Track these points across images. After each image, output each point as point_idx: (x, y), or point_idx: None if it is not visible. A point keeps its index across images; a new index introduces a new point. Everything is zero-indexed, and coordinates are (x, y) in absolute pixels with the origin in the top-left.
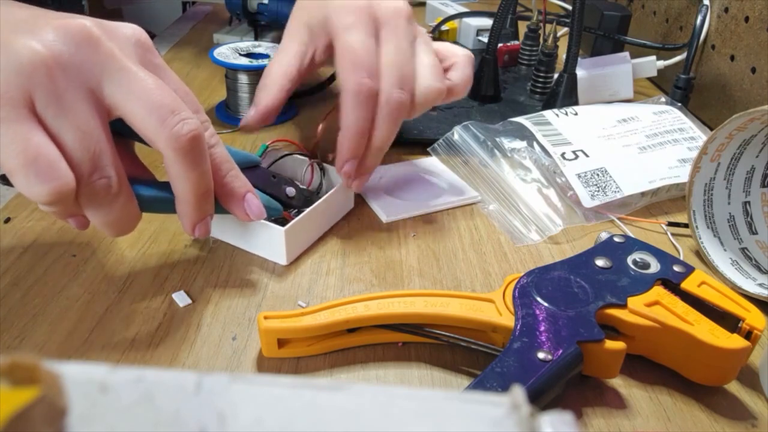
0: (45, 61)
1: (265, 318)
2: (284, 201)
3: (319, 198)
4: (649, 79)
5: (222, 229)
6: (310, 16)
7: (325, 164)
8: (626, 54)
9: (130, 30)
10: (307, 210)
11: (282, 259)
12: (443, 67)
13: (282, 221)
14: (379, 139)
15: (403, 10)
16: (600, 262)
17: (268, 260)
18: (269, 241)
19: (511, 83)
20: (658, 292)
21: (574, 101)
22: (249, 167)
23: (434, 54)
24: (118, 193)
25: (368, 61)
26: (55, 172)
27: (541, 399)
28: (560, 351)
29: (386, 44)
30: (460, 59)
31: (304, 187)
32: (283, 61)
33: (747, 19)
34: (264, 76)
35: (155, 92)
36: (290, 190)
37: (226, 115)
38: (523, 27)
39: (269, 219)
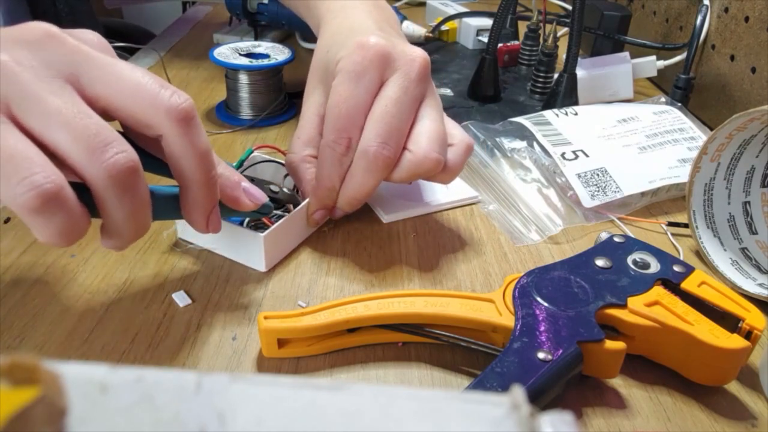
0: (9, 66)
1: (265, 318)
2: (271, 197)
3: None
4: (649, 79)
5: (200, 236)
6: (324, 68)
7: None
8: (626, 54)
9: (90, 34)
10: (287, 216)
11: (261, 266)
12: None
13: (256, 227)
14: (349, 191)
15: (418, 61)
16: (600, 262)
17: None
18: (248, 248)
19: (511, 83)
20: (658, 292)
21: (574, 101)
22: None
23: (443, 122)
24: (138, 170)
25: (352, 118)
26: (35, 167)
27: (541, 399)
28: (560, 351)
29: (383, 94)
30: (459, 143)
31: (286, 189)
32: (301, 129)
33: (747, 19)
34: (290, 150)
35: (141, 79)
36: (274, 187)
37: (226, 115)
38: (523, 27)
39: (261, 213)
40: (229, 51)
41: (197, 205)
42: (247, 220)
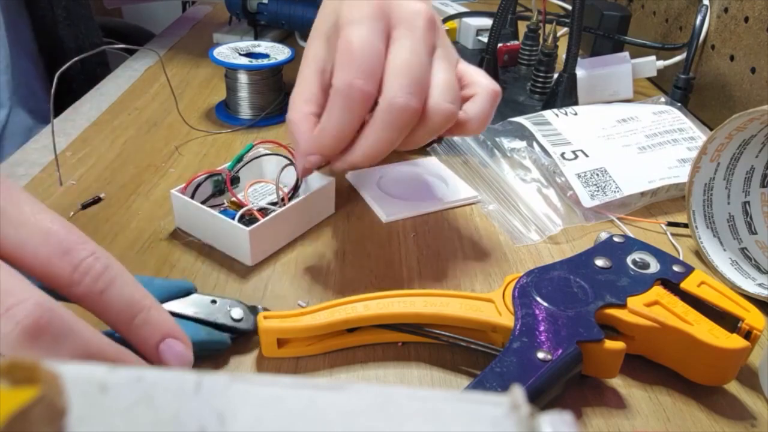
0: None
1: (265, 318)
2: (231, 327)
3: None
4: (649, 79)
5: (191, 224)
6: (325, 23)
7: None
8: (626, 54)
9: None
10: (277, 211)
11: (247, 260)
12: (462, 95)
13: (249, 221)
14: (368, 145)
15: (424, 11)
16: (600, 262)
17: (269, 259)
18: (236, 241)
19: (510, 83)
20: (658, 292)
21: (574, 101)
22: (182, 295)
23: (454, 72)
24: (110, 268)
25: (366, 59)
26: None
27: (541, 399)
28: (560, 351)
29: (397, 44)
30: (482, 91)
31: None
32: (301, 83)
33: (747, 19)
34: (289, 109)
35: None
36: (236, 312)
37: (225, 114)
38: (522, 27)
39: (215, 351)
40: (228, 51)
41: (138, 344)
42: (240, 213)
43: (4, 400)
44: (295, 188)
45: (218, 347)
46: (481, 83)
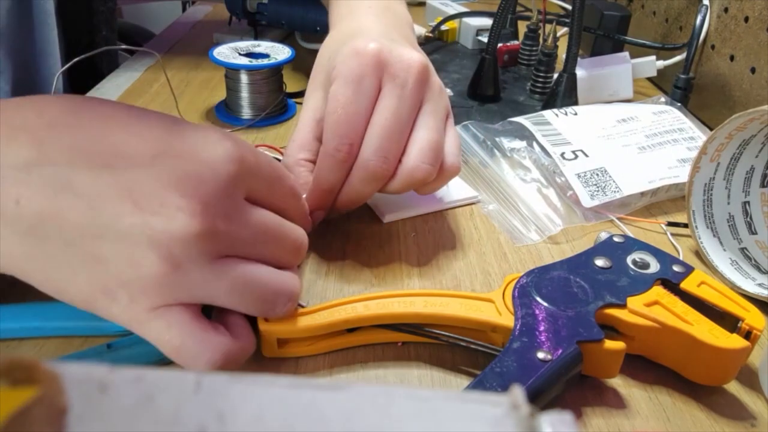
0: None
1: (265, 318)
2: None
3: None
4: (649, 79)
5: None
6: (322, 71)
7: None
8: (626, 54)
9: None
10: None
11: None
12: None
13: None
14: (345, 198)
15: (415, 65)
16: (599, 262)
17: None
18: None
19: (510, 83)
20: (658, 292)
21: (574, 101)
22: None
23: (440, 128)
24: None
25: (352, 124)
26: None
27: (541, 399)
28: (560, 351)
29: (382, 104)
30: (444, 169)
31: None
32: (298, 133)
33: (747, 19)
34: (286, 151)
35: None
36: None
37: (225, 114)
38: (522, 27)
39: None
40: (228, 51)
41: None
42: None
43: (4, 400)
44: None
45: None
46: (447, 159)
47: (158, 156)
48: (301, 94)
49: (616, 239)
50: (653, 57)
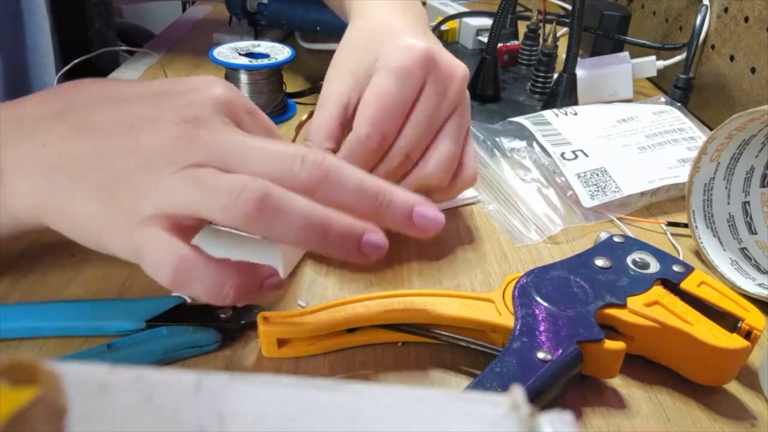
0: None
1: (265, 318)
2: (220, 325)
3: None
4: (649, 79)
5: (208, 251)
6: (358, 60)
7: None
8: (626, 54)
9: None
10: None
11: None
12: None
13: None
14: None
15: (460, 74)
16: (599, 262)
17: None
18: (263, 258)
19: (510, 83)
20: (658, 292)
21: (574, 101)
22: (172, 308)
23: (460, 143)
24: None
25: (393, 116)
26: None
27: (541, 399)
28: (560, 351)
29: (422, 105)
30: (458, 181)
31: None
32: (322, 118)
33: (747, 19)
34: (311, 137)
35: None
36: (225, 310)
37: None
38: (522, 27)
39: (205, 348)
40: (228, 51)
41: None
42: None
43: (4, 400)
44: None
45: (207, 343)
46: (463, 173)
47: (160, 94)
48: (301, 94)
49: (616, 239)
50: (653, 57)
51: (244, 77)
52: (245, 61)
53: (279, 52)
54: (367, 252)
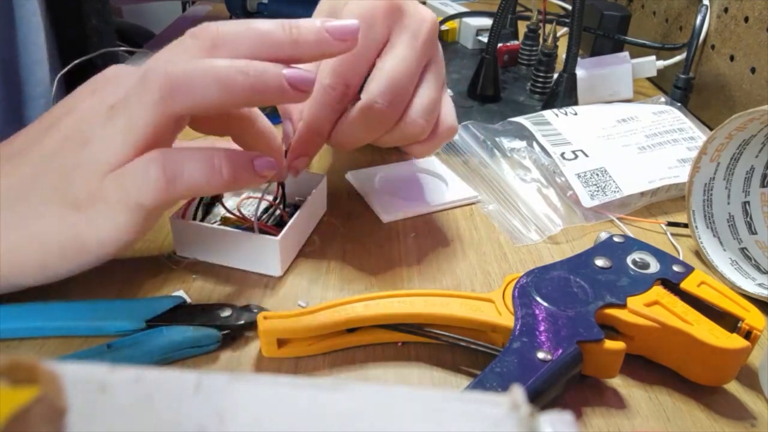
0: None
1: (265, 318)
2: (220, 325)
3: (281, 206)
4: (649, 79)
5: (195, 248)
6: (328, 7)
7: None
8: (626, 54)
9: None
10: (294, 216)
11: (276, 271)
12: None
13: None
14: (341, 139)
15: (429, 20)
16: (599, 262)
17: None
18: (261, 254)
19: (510, 83)
20: (658, 292)
21: (574, 101)
22: (172, 309)
23: (440, 93)
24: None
25: (354, 64)
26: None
27: (541, 399)
28: (560, 351)
29: (394, 52)
30: (441, 130)
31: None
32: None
33: (747, 19)
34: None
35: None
36: (225, 311)
37: None
38: (522, 27)
39: (205, 348)
40: None
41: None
42: (245, 227)
43: (4, 400)
44: (283, 195)
45: (207, 343)
46: (445, 122)
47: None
48: None
49: (616, 239)
50: (653, 57)
51: None
52: None
53: None
54: (296, 84)
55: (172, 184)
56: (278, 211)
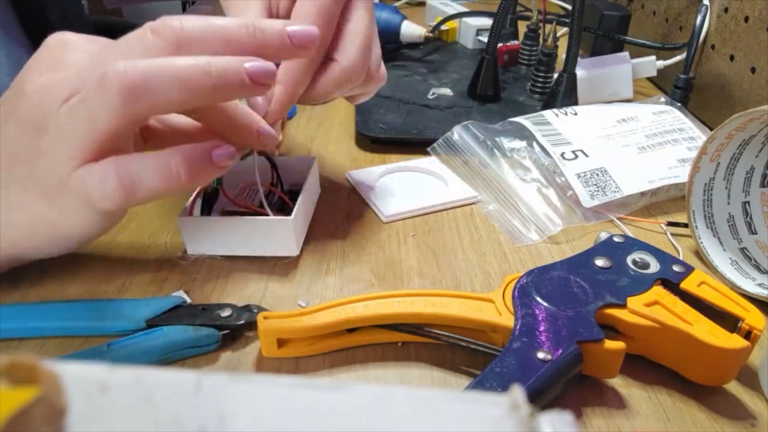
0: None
1: (265, 318)
2: (220, 324)
3: (279, 189)
4: (649, 79)
5: (206, 243)
6: None
7: (273, 157)
8: (626, 54)
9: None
10: (300, 198)
11: (293, 250)
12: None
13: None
14: (309, 98)
15: None
16: (599, 262)
17: (268, 259)
18: (277, 236)
19: (510, 83)
20: (658, 292)
21: (574, 101)
22: (172, 309)
23: (371, 23)
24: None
25: (330, 30)
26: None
27: (541, 399)
28: (560, 351)
29: (356, 11)
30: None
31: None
32: (250, 14)
33: (747, 19)
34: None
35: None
36: (225, 311)
37: None
38: (522, 27)
39: (205, 347)
40: None
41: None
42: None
43: (4, 400)
44: (278, 179)
45: (207, 343)
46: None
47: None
48: None
49: (616, 239)
50: (653, 57)
51: None
52: None
53: None
54: (256, 77)
55: (131, 193)
56: (277, 196)
